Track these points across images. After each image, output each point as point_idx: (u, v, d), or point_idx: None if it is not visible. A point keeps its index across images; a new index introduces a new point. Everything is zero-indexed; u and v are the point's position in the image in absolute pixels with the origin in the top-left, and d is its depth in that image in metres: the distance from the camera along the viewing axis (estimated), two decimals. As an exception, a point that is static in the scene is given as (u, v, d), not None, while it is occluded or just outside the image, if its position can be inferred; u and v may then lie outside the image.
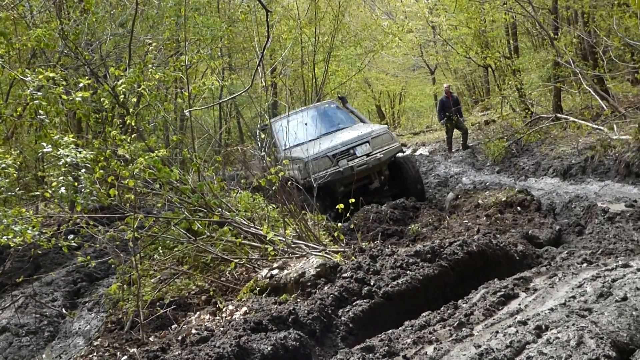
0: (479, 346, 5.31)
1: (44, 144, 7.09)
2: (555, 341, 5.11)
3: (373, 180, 15.28)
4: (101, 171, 8.18)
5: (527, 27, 27.46)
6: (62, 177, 6.95)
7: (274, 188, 9.26)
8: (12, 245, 7.14)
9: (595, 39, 21.45)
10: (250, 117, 25.49)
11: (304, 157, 13.37)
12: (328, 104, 17.52)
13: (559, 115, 21.21)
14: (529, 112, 22.92)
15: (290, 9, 22.84)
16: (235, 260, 8.75)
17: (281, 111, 25.56)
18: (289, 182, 10.13)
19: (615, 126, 16.47)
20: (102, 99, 8.41)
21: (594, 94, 19.91)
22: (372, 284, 7.25)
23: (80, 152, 7.00)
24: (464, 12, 25.56)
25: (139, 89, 7.78)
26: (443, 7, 26.99)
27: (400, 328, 6.28)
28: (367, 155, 14.61)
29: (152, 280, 8.50)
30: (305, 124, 14.77)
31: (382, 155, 14.76)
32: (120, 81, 8.05)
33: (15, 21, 11.73)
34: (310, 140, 13.50)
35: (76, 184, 7.20)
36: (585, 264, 7.99)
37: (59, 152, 6.84)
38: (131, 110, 7.75)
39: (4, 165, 6.61)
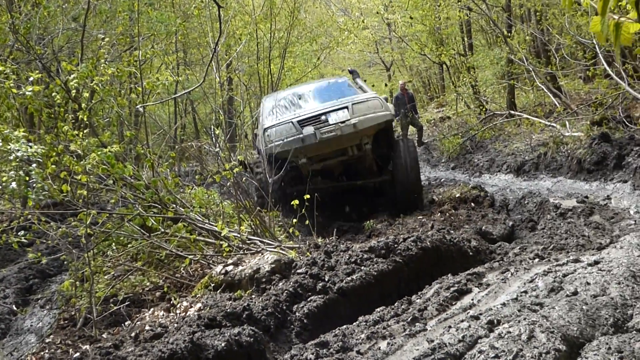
0: (432, 341, 5.37)
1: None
2: (507, 335, 5.19)
3: (349, 154, 12.43)
4: (53, 166, 8.10)
5: (482, 24, 27.77)
6: (12, 172, 6.88)
7: (228, 184, 9.27)
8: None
9: (548, 37, 21.78)
10: (206, 113, 25.39)
11: (265, 125, 12.05)
12: (337, 79, 14.95)
13: (512, 112, 21.52)
14: (484, 109, 23.22)
15: (245, 4, 22.81)
16: (190, 257, 8.74)
17: (237, 106, 25.53)
18: (244, 179, 10.19)
19: (567, 123, 16.72)
20: (54, 94, 8.32)
21: (546, 91, 20.23)
22: (326, 279, 7.28)
23: (31, 147, 6.92)
24: (418, 10, 25.75)
25: (92, 84, 7.70)
26: (398, 4, 27.13)
27: (354, 323, 6.32)
28: (342, 122, 11.81)
29: (105, 277, 8.44)
30: (299, 98, 13.42)
31: (358, 122, 11.83)
32: (72, 76, 7.97)
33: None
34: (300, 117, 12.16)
35: (27, 179, 7.12)
36: (537, 260, 8.12)
37: (9, 147, 6.76)
38: (84, 105, 7.66)
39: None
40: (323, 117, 11.85)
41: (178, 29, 16.21)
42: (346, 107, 11.95)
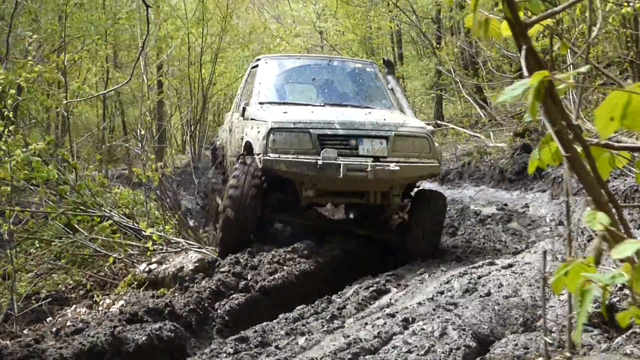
0: (348, 336, 5.56)
1: None
2: (421, 332, 5.41)
3: (369, 200, 8.73)
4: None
5: (412, 35, 28.16)
6: None
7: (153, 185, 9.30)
8: None
9: (476, 49, 22.26)
10: (135, 116, 25.22)
11: (269, 121, 8.46)
12: (364, 64, 10.90)
13: (439, 122, 21.93)
14: (411, 118, 23.53)
15: (177, 8, 22.78)
16: (114, 256, 8.78)
17: (166, 111, 25.42)
18: (169, 179, 9.86)
19: (492, 134, 17.19)
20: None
21: (472, 102, 20.71)
22: (249, 278, 7.42)
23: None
24: (350, 19, 26.05)
25: (19, 80, 7.70)
26: (330, 13, 27.42)
27: (274, 320, 6.48)
28: (376, 159, 8.33)
29: (28, 275, 8.43)
30: (313, 79, 10.15)
31: (398, 170, 8.24)
32: (-1, 71, 7.97)
33: None
34: (304, 104, 9.35)
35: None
36: (454, 262, 8.41)
37: None
38: (9, 102, 7.65)
39: None
40: (353, 142, 8.42)
41: (108, 31, 16.15)
42: (386, 139, 8.47)
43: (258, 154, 8.47)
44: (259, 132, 8.50)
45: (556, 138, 1.87)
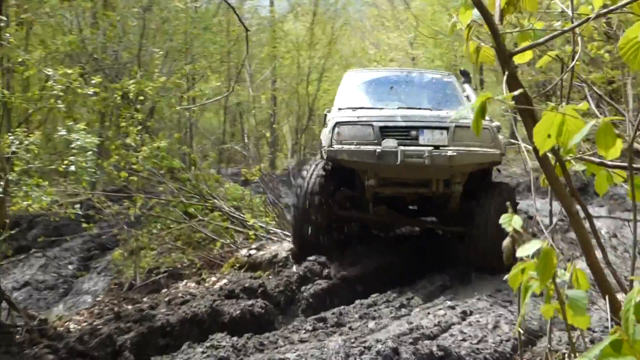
0: (412, 323, 5.53)
1: (60, 129, 7.33)
2: (476, 324, 5.36)
3: (432, 189, 7.97)
4: (116, 157, 8.43)
5: (493, 65, 27.71)
6: (72, 158, 7.14)
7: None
8: (30, 211, 7.33)
9: (550, 78, 21.66)
10: (253, 124, 25.69)
11: (334, 117, 8.11)
12: (443, 75, 10.04)
13: (513, 140, 21.43)
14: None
15: (289, 33, 23.11)
16: (222, 241, 8.96)
17: (279, 120, 25.76)
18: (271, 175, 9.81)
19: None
20: (115, 96, 8.63)
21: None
22: (331, 267, 7.47)
23: (89, 137, 7.19)
24: (438, 48, 25.81)
25: (146, 89, 7.96)
26: (421, 42, 27.19)
27: (351, 305, 6.50)
28: (436, 147, 7.62)
29: (151, 252, 8.67)
30: (391, 88, 9.26)
31: (455, 155, 7.53)
32: (131, 81, 8.25)
33: (53, 28, 11.94)
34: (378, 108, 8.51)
35: (84, 164, 7.37)
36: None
37: (72, 136, 7.06)
38: (138, 106, 7.93)
39: (26, 142, 6.81)
40: (413, 133, 7.74)
41: (230, 51, 16.50)
42: (446, 129, 7.74)
43: (323, 147, 8.03)
44: (327, 129, 8.01)
45: (534, 154, 1.91)
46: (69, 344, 4.84)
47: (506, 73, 1.88)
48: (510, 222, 1.79)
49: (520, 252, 1.75)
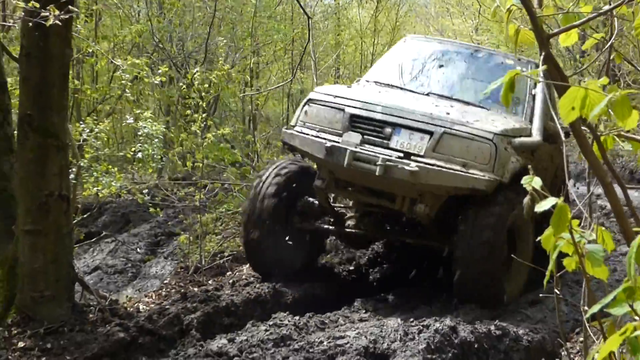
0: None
1: (128, 117, 7.61)
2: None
3: (397, 206, 6.24)
4: (181, 147, 8.70)
5: (559, 49, 27.24)
6: (139, 145, 7.39)
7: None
8: (100, 196, 7.64)
9: (619, 64, 21.21)
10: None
11: (317, 90, 6.89)
12: (516, 62, 7.33)
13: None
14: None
15: (354, 20, 23.12)
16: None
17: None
18: None
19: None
20: (181, 86, 8.88)
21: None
22: (397, 251, 7.67)
23: (155, 126, 7.44)
24: (502, 33, 25.50)
25: (210, 77, 8.12)
26: (486, 28, 26.83)
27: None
28: (406, 155, 5.97)
29: (217, 237, 8.87)
30: (441, 67, 7.29)
31: (419, 170, 5.82)
32: (195, 70, 8.47)
33: (121, 19, 12.32)
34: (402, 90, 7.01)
35: (151, 151, 7.63)
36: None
37: (139, 124, 7.33)
38: (203, 94, 8.11)
39: (96, 130, 7.10)
40: (387, 130, 6.11)
41: (294, 39, 16.62)
42: (430, 134, 6.03)
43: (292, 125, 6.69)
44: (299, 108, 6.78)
45: (571, 130, 1.99)
46: (138, 322, 5.07)
47: (542, 54, 1.96)
48: (531, 181, 1.89)
49: (537, 208, 1.83)
